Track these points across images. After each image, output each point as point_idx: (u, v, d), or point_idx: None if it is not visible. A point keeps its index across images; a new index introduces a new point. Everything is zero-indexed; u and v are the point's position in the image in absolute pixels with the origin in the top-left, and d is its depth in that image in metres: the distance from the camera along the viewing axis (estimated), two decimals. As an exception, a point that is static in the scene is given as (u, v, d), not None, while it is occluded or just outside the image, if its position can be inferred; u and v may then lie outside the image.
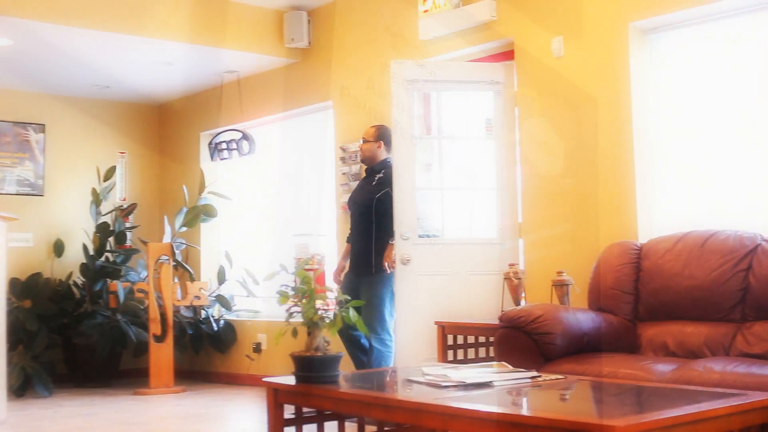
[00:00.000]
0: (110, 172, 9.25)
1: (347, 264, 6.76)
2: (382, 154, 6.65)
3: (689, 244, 4.97)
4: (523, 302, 5.68)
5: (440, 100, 6.76)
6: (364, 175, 6.86)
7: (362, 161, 6.81)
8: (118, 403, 7.59)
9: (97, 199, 9.08)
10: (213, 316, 8.91)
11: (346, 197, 7.25)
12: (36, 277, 8.83)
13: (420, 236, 6.39)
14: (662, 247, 5.10)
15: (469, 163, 6.61)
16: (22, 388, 7.94)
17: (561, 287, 5.43)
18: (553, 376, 3.97)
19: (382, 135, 6.65)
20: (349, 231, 6.85)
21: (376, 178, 6.56)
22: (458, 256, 6.39)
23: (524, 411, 3.37)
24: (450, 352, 5.99)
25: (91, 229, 9.04)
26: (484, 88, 6.48)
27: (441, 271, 6.36)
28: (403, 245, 6.30)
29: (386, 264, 6.34)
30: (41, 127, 9.40)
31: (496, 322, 5.05)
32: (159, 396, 8.01)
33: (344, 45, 7.75)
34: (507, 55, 6.49)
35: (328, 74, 7.91)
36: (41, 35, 7.35)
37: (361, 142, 6.72)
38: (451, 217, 6.60)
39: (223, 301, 8.85)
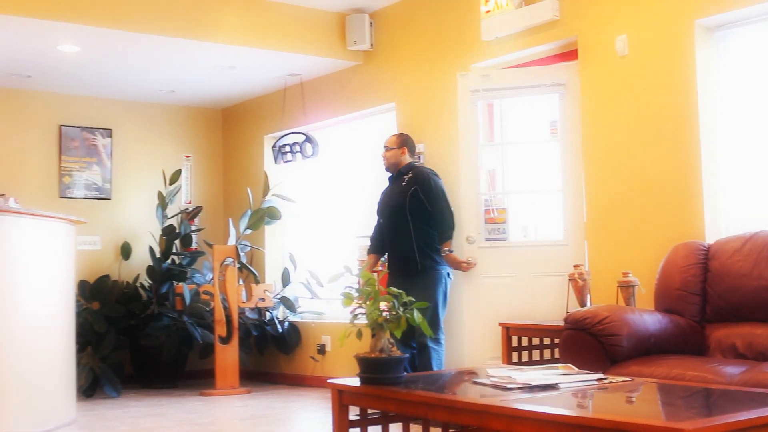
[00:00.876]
0: (176, 176, 9.35)
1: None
2: (406, 159, 6.86)
3: (758, 244, 4.89)
4: (588, 303, 5.63)
5: (506, 106, 6.80)
6: (388, 183, 6.98)
7: (387, 169, 6.93)
8: (184, 404, 7.67)
9: (163, 202, 9.19)
10: (277, 318, 8.97)
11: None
12: (104, 279, 8.97)
13: (486, 239, 6.57)
14: (730, 247, 5.02)
15: (535, 166, 6.64)
16: (91, 388, 8.06)
17: (627, 288, 5.38)
18: (620, 378, 3.94)
19: (404, 142, 6.90)
20: (374, 240, 7.01)
21: (406, 179, 6.71)
22: (524, 258, 6.46)
23: (590, 413, 3.34)
24: (514, 354, 5.97)
25: (158, 231, 9.15)
26: (548, 91, 6.52)
27: (507, 273, 6.48)
28: (468, 249, 6.49)
29: (463, 266, 6.54)
30: (108, 132, 9.55)
31: (561, 323, 5.02)
32: (225, 397, 8.08)
33: (406, 46, 7.75)
34: (570, 54, 6.44)
35: (390, 76, 7.92)
36: (108, 42, 7.47)
37: (384, 150, 6.89)
38: (517, 219, 6.65)
39: (287, 303, 8.89)
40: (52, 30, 7.08)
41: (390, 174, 6.91)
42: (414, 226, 6.57)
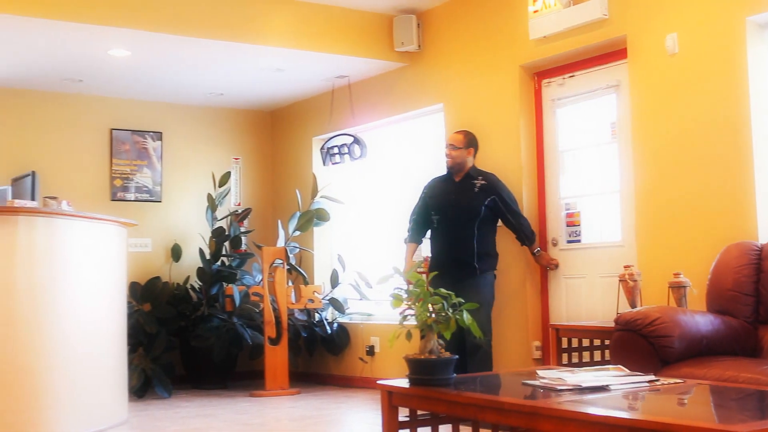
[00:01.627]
0: (225, 178, 9.41)
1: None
2: (471, 161, 6.76)
3: (813, 244, 4.83)
4: (639, 304, 5.58)
5: (576, 111, 6.83)
6: (447, 178, 6.89)
7: (450, 168, 6.78)
8: (235, 405, 7.72)
9: (212, 205, 9.25)
10: (326, 319, 9.00)
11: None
12: (155, 281, 9.05)
13: (568, 241, 6.78)
14: (784, 247, 4.96)
15: (598, 168, 6.65)
16: (142, 389, 8.13)
17: (678, 289, 5.33)
18: (672, 380, 3.90)
19: (470, 142, 6.76)
20: (413, 231, 6.99)
21: (478, 185, 6.63)
22: (589, 259, 6.60)
23: (642, 415, 3.31)
24: (565, 355, 5.94)
25: (208, 233, 9.22)
26: (605, 93, 6.56)
27: (578, 274, 6.69)
28: (552, 251, 6.83)
29: (553, 264, 6.78)
30: (158, 135, 9.64)
31: (612, 324, 4.98)
32: (274, 398, 8.12)
33: (454, 47, 7.74)
34: (620, 53, 6.39)
35: (438, 77, 7.91)
36: (157, 45, 7.55)
37: (450, 148, 6.74)
38: (589, 221, 6.73)
39: (336, 304, 8.92)
40: (103, 35, 7.17)
41: (449, 171, 6.80)
42: (479, 233, 6.56)
